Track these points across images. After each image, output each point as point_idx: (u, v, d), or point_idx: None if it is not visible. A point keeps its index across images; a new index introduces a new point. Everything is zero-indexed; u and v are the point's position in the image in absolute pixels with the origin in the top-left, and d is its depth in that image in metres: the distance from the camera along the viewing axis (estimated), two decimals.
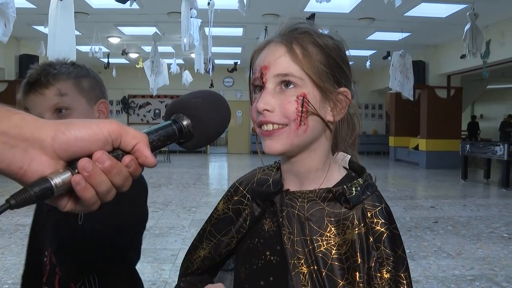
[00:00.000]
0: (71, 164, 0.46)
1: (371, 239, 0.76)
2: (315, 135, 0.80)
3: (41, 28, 9.46)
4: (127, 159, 0.48)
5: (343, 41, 0.84)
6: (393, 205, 7.09)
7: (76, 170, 0.46)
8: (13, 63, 11.70)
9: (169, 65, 11.79)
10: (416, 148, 13.78)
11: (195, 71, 9.59)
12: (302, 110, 0.76)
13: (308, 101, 0.77)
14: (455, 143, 11.75)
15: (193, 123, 0.59)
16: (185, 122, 0.58)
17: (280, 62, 0.78)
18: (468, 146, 10.08)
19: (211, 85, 15.35)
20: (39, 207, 1.26)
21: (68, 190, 0.46)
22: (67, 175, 0.45)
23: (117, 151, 0.48)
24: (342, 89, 0.80)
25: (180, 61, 14.25)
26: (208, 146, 18.51)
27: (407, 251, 3.56)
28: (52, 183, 0.44)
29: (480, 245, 4.88)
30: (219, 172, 12.73)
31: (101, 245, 1.07)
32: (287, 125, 0.77)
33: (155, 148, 0.53)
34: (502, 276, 3.86)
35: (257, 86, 0.82)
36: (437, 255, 4.47)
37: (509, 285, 3.66)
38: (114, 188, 0.48)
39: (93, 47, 10.54)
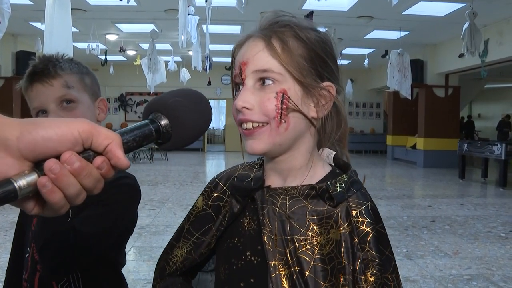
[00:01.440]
0: (38, 165, 0.43)
1: (356, 240, 0.73)
2: (298, 132, 0.77)
3: (38, 25, 9.43)
4: (98, 160, 0.46)
5: (328, 34, 0.81)
6: (390, 204, 7.09)
7: (43, 172, 0.43)
8: (10, 59, 11.65)
9: (166, 63, 11.76)
10: (414, 147, 13.78)
11: (193, 69, 9.56)
12: (282, 107, 0.74)
13: (289, 97, 0.74)
14: (453, 142, 11.74)
15: (172, 123, 0.56)
16: (163, 122, 0.56)
17: (259, 57, 0.75)
18: (465, 145, 10.08)
19: (209, 83, 15.33)
20: None
21: (35, 192, 0.43)
22: (32, 177, 0.43)
23: (88, 152, 0.46)
24: (325, 83, 0.77)
25: (178, 59, 14.20)
26: (206, 144, 18.48)
27: (404, 250, 3.52)
28: (15, 185, 0.41)
29: (477, 244, 4.87)
30: (217, 170, 12.67)
31: (89, 247, 1.05)
32: (267, 123, 0.74)
33: (130, 149, 0.51)
34: (499, 276, 3.85)
35: (237, 83, 0.79)
36: (434, 255, 4.46)
37: (506, 285, 3.65)
38: (84, 190, 0.46)
39: (90, 44, 10.48)
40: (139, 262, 3.99)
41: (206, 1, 6.55)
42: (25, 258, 1.17)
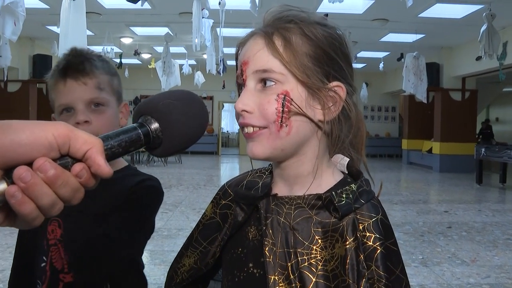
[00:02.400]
0: (8, 173, 0.39)
1: (362, 256, 0.66)
2: (302, 136, 0.71)
3: (54, 28, 9.53)
4: (77, 167, 0.42)
5: (339, 28, 0.74)
6: (405, 209, 6.98)
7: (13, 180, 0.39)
8: (27, 63, 11.79)
9: (181, 66, 11.78)
10: (430, 151, 13.61)
11: (207, 72, 9.57)
12: (282, 110, 0.68)
13: (291, 99, 0.68)
14: (470, 147, 11.56)
15: (162, 128, 0.52)
16: (153, 126, 0.51)
17: (259, 56, 0.70)
18: (483, 149, 9.89)
19: (224, 86, 15.35)
20: None
21: (4, 203, 0.39)
22: (1, 186, 0.38)
23: (66, 159, 0.42)
24: (333, 83, 0.70)
25: (193, 62, 14.25)
26: (220, 147, 18.47)
27: (419, 257, 3.40)
28: None
29: (496, 252, 4.74)
30: (231, 174, 12.67)
31: (122, 252, 1.03)
32: (267, 127, 0.69)
33: (115, 155, 0.46)
34: None
35: (240, 84, 0.74)
36: (451, 262, 4.35)
37: None
38: (60, 201, 0.41)
39: (105, 47, 10.57)
40: (150, 266, 3.97)
41: (219, 3, 6.54)
42: (39, 268, 1.12)
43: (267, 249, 0.71)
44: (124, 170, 1.16)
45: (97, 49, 11.11)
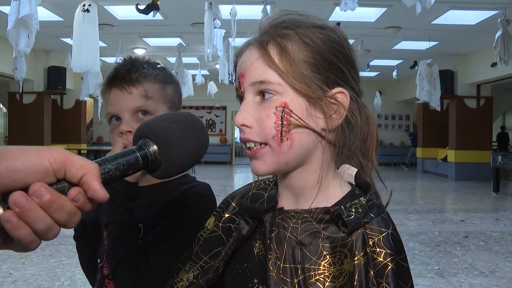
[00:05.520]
0: (5, 198, 0.40)
1: (372, 273, 0.63)
2: (305, 148, 0.67)
3: (68, 40, 9.65)
4: (73, 192, 0.42)
5: (340, 30, 0.71)
6: (421, 219, 6.87)
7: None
8: (42, 74, 11.98)
9: (194, 76, 11.84)
10: (445, 159, 13.44)
11: (220, 82, 9.60)
12: (282, 123, 0.65)
13: (290, 111, 0.65)
14: (486, 155, 11.39)
15: (161, 150, 0.52)
16: (151, 149, 0.51)
17: (254, 68, 0.67)
18: (499, 157, 9.72)
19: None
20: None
21: (1, 227, 0.40)
22: None
23: (63, 183, 0.42)
24: (334, 90, 0.67)
25: (205, 72, 14.32)
26: (233, 157, 18.45)
27: (435, 268, 3.32)
28: None
29: None
30: (244, 184, 12.57)
31: (163, 264, 1.00)
32: (267, 144, 0.66)
33: (112, 178, 0.46)
34: None
35: (240, 97, 0.71)
36: (468, 273, 4.25)
37: None
38: (56, 225, 0.42)
39: (118, 58, 10.65)
40: None
41: (230, 13, 6.57)
42: (98, 267, 1.13)
43: (270, 263, 0.68)
44: (178, 179, 1.13)
45: (110, 60, 11.25)
